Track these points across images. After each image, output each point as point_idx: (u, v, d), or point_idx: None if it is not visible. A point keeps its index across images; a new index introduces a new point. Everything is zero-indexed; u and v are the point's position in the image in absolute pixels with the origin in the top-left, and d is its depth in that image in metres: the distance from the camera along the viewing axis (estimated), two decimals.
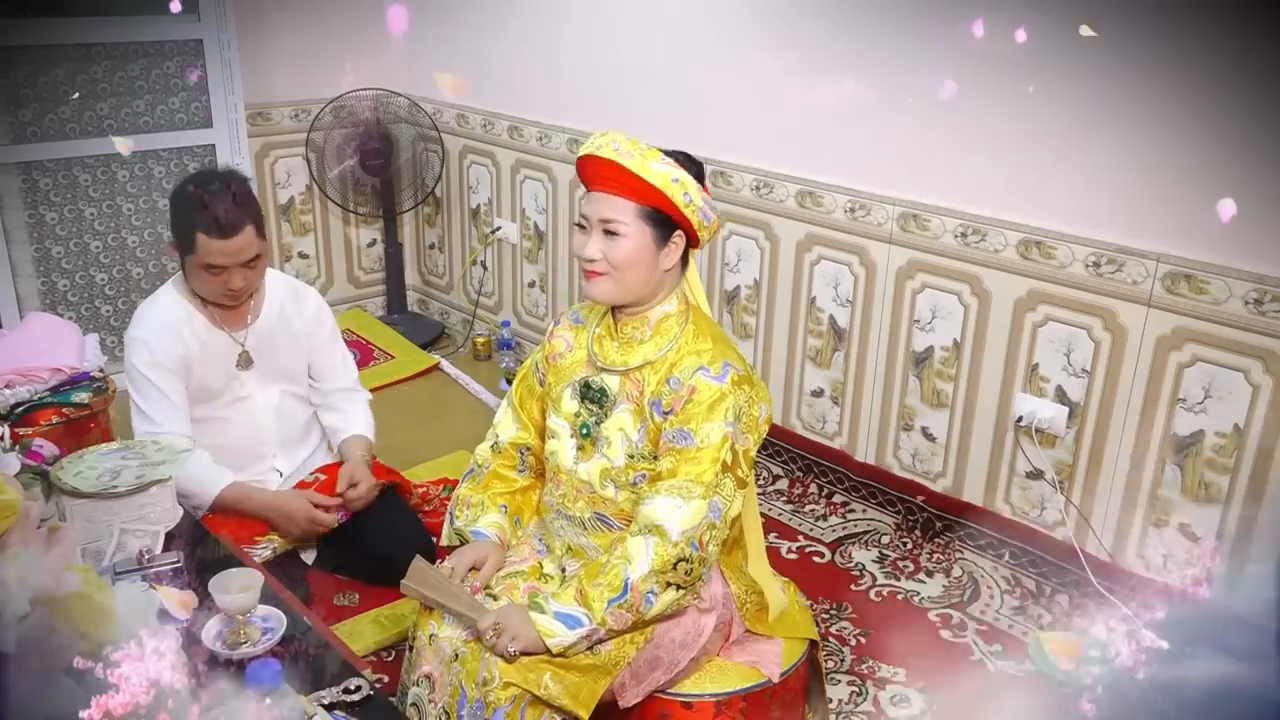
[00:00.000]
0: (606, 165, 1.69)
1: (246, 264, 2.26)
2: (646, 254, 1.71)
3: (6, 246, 3.55)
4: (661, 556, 1.65)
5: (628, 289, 1.74)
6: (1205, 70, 2.20)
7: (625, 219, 1.70)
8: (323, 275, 4.38)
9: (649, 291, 1.76)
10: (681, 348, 1.76)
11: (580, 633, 1.65)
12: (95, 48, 3.59)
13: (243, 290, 2.30)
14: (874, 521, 3.00)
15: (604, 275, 1.73)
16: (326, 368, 2.57)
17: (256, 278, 2.32)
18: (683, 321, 1.78)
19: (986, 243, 2.65)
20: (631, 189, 1.68)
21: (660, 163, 1.68)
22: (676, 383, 1.72)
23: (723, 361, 1.72)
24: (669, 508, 1.67)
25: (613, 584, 1.65)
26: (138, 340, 2.31)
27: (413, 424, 3.58)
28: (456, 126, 4.18)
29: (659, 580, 1.66)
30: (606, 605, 1.64)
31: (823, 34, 2.86)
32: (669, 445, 1.71)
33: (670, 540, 1.65)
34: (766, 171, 3.10)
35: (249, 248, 2.24)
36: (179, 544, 1.81)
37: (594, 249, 1.72)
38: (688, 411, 1.70)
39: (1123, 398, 2.49)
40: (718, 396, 1.69)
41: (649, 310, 1.78)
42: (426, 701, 1.71)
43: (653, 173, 1.67)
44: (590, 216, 1.73)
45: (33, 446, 1.94)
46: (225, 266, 2.23)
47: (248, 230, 2.22)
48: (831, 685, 2.32)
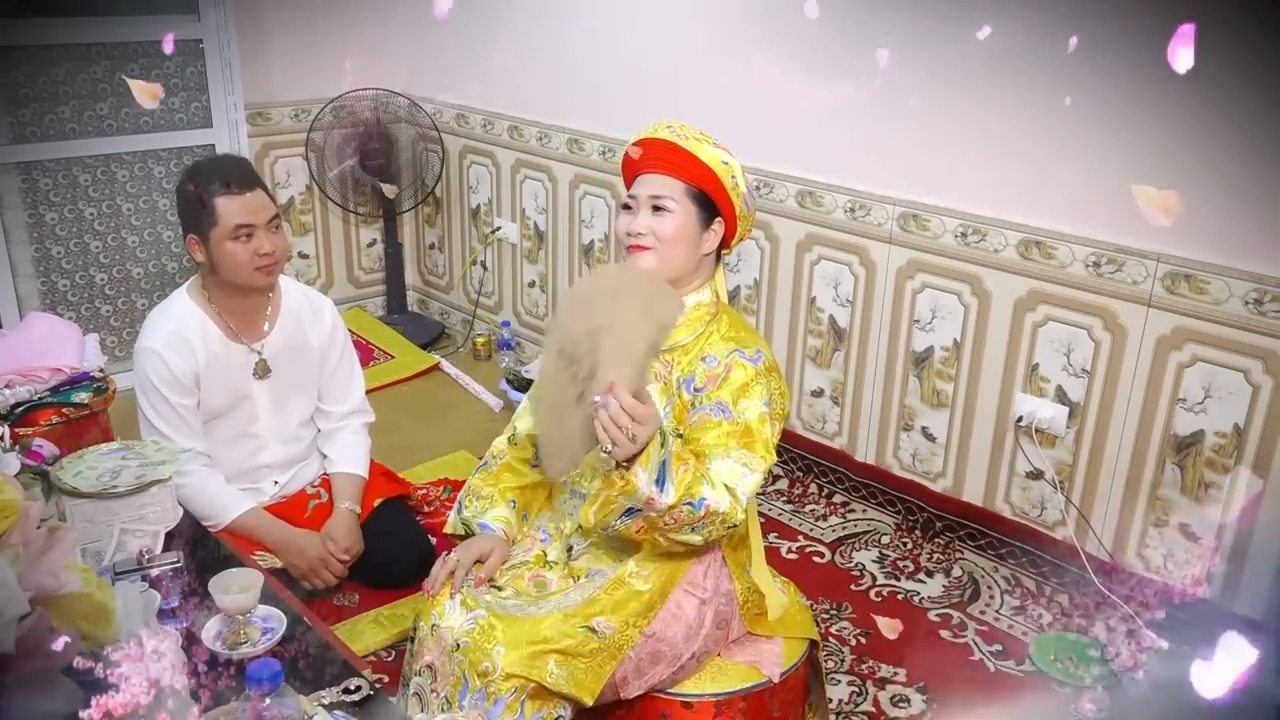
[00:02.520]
0: (662, 146, 1.80)
1: (270, 225, 2.27)
2: (691, 231, 1.80)
3: (6, 246, 3.55)
4: (732, 511, 1.66)
5: (670, 264, 1.80)
6: (1205, 70, 2.19)
7: (675, 195, 1.79)
8: (323, 275, 4.38)
9: (688, 270, 1.83)
10: (712, 333, 1.83)
11: (646, 495, 1.57)
12: (95, 48, 3.59)
13: (274, 257, 2.28)
14: (874, 521, 3.00)
15: (649, 250, 1.80)
16: (334, 388, 2.54)
17: (284, 244, 2.32)
18: (713, 313, 1.85)
19: (986, 243, 2.65)
20: (683, 168, 1.79)
21: (713, 146, 1.80)
22: (713, 361, 1.78)
23: (755, 347, 1.80)
24: (737, 473, 1.69)
25: (697, 491, 1.62)
26: (151, 351, 2.27)
27: (413, 424, 3.58)
28: (456, 126, 4.18)
29: (712, 522, 1.65)
30: (683, 503, 1.61)
31: (822, 34, 2.86)
32: (705, 417, 1.74)
33: (740, 505, 1.68)
34: (766, 171, 3.10)
35: (267, 206, 2.27)
36: (179, 544, 1.80)
37: (642, 223, 1.80)
38: (724, 389, 1.75)
39: (1123, 398, 2.49)
40: (753, 376, 1.76)
41: (683, 295, 1.83)
42: (429, 691, 1.71)
43: (706, 153, 1.78)
44: (639, 195, 1.82)
45: (33, 446, 1.94)
46: (253, 226, 2.24)
47: (261, 191, 2.27)
48: (831, 685, 2.32)
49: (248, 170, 2.31)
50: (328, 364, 2.50)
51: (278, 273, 2.35)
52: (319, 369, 2.49)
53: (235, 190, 2.22)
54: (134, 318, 3.86)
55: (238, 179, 2.24)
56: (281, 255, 2.32)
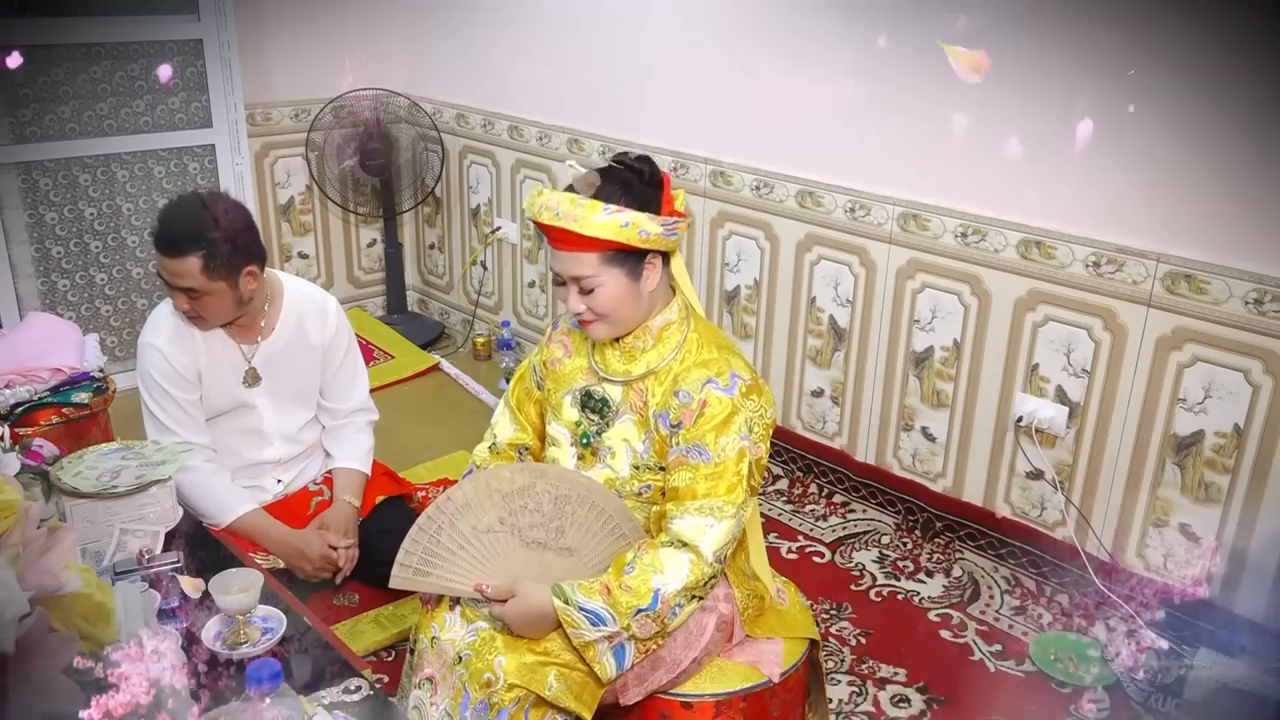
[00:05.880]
0: (555, 228, 1.67)
1: (187, 291, 2.17)
2: (627, 292, 1.71)
3: (6, 246, 3.55)
4: (696, 575, 1.67)
5: (623, 323, 1.76)
6: (1205, 70, 2.20)
7: (593, 271, 1.68)
8: (323, 275, 4.38)
9: (644, 314, 1.77)
10: (685, 357, 1.76)
11: (604, 632, 1.65)
12: (95, 48, 3.59)
13: (191, 315, 2.23)
14: (874, 521, 3.00)
15: (595, 322, 1.75)
16: (337, 386, 2.53)
17: (207, 310, 2.21)
18: (684, 328, 1.78)
19: (986, 243, 2.65)
20: (586, 244, 1.66)
21: (604, 213, 1.64)
22: (686, 396, 1.71)
23: (730, 372, 1.72)
24: (700, 527, 1.68)
25: (640, 592, 1.65)
26: (152, 347, 2.27)
27: (413, 424, 3.58)
28: (456, 126, 4.18)
29: (687, 595, 1.67)
30: (634, 614, 1.64)
31: (823, 34, 2.86)
32: (682, 459, 1.71)
33: (706, 561, 1.67)
34: (766, 171, 3.10)
35: (185, 277, 2.15)
36: (179, 544, 1.80)
37: (576, 304, 1.73)
38: (700, 426, 1.70)
39: (1123, 398, 2.49)
40: (730, 411, 1.69)
41: (650, 321, 1.78)
42: (428, 704, 1.70)
43: (599, 227, 1.64)
44: (563, 274, 1.73)
45: (33, 446, 1.94)
46: (168, 283, 2.19)
47: (189, 260, 2.13)
48: (831, 685, 2.32)
49: (185, 236, 2.14)
50: (331, 362, 2.50)
51: (208, 327, 2.29)
52: (321, 368, 2.49)
53: (161, 251, 2.16)
54: (134, 318, 3.86)
55: (165, 241, 2.15)
56: (211, 316, 2.24)
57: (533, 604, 1.66)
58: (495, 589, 1.69)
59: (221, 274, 2.18)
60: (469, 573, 1.72)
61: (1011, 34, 2.47)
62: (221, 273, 2.17)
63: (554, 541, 1.74)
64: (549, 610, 1.65)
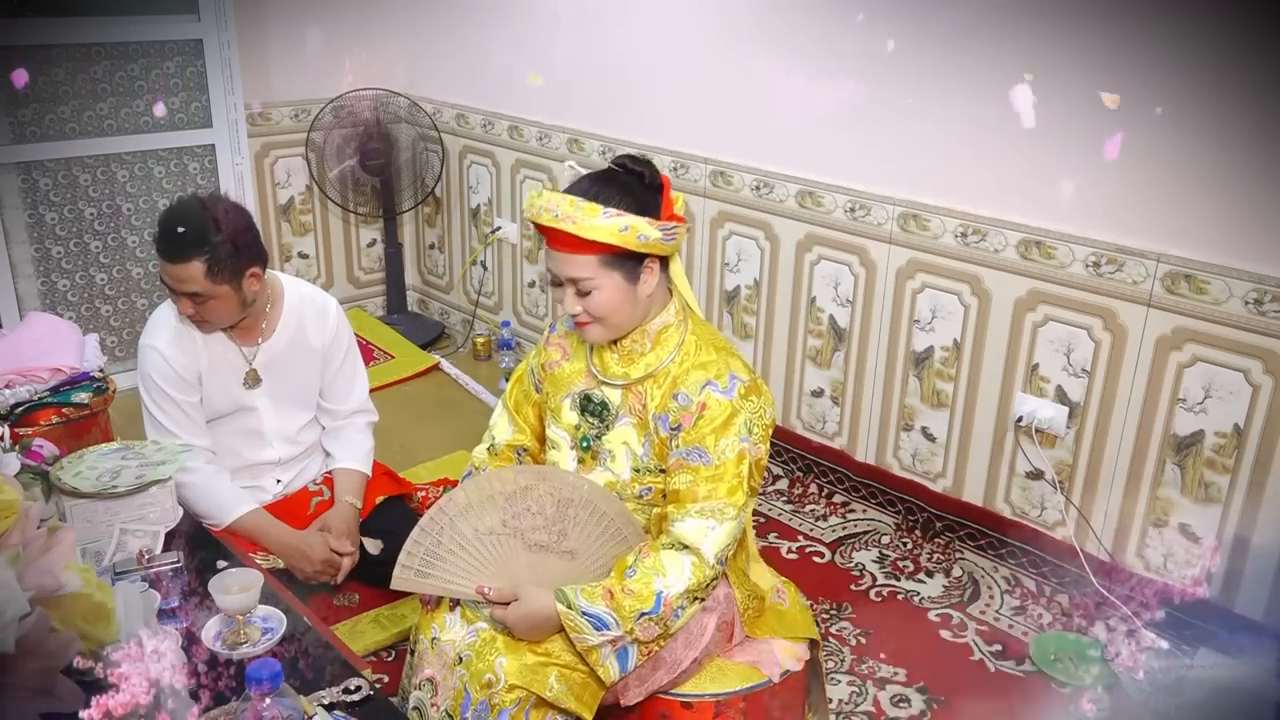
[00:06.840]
0: (553, 230, 1.67)
1: (191, 296, 2.18)
2: (624, 295, 1.71)
3: (6, 246, 3.55)
4: (698, 577, 1.67)
5: (619, 326, 1.75)
6: (1206, 70, 2.20)
7: (590, 273, 1.68)
8: (323, 275, 4.38)
9: (640, 317, 1.76)
10: (684, 359, 1.75)
11: (607, 636, 1.65)
12: (95, 48, 3.59)
13: (196, 319, 2.24)
14: (874, 521, 3.00)
15: (591, 324, 1.74)
16: (337, 387, 2.52)
17: (212, 314, 2.22)
18: (683, 330, 1.78)
19: (986, 243, 2.65)
20: (585, 246, 1.66)
21: (603, 216, 1.63)
22: (685, 399, 1.71)
23: (729, 374, 1.72)
24: (702, 530, 1.68)
25: (643, 596, 1.65)
26: (153, 349, 2.27)
27: (413, 424, 3.58)
28: (456, 126, 4.18)
29: (689, 597, 1.68)
30: (637, 617, 1.65)
31: (823, 34, 2.86)
32: (682, 462, 1.71)
33: (708, 563, 1.68)
34: (766, 171, 3.10)
35: (189, 282, 2.15)
36: (179, 544, 1.80)
37: (573, 305, 1.72)
38: (700, 429, 1.70)
39: (1123, 398, 2.49)
40: (730, 413, 1.69)
41: (647, 324, 1.78)
42: (428, 705, 1.70)
43: (598, 230, 1.63)
44: (559, 275, 1.72)
45: (33, 446, 1.94)
46: (172, 289, 2.19)
47: (192, 264, 2.14)
48: (831, 685, 2.32)
49: (191, 242, 2.14)
50: (331, 363, 2.50)
51: (212, 330, 2.30)
52: (321, 369, 2.49)
53: (160, 253, 2.16)
54: (134, 318, 3.86)
55: (167, 246, 2.15)
56: (216, 320, 2.25)
57: (535, 608, 1.66)
58: (497, 591, 1.69)
59: (225, 277, 2.18)
60: (471, 574, 1.72)
61: (1011, 34, 2.47)
62: (225, 275, 2.18)
63: (556, 544, 1.74)
64: (552, 614, 1.65)
